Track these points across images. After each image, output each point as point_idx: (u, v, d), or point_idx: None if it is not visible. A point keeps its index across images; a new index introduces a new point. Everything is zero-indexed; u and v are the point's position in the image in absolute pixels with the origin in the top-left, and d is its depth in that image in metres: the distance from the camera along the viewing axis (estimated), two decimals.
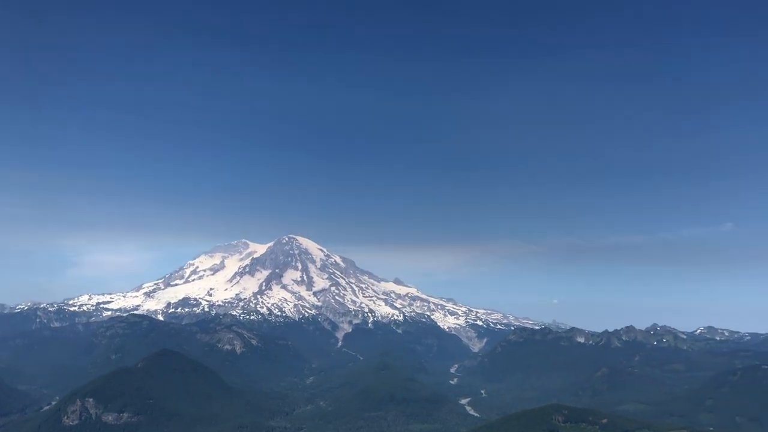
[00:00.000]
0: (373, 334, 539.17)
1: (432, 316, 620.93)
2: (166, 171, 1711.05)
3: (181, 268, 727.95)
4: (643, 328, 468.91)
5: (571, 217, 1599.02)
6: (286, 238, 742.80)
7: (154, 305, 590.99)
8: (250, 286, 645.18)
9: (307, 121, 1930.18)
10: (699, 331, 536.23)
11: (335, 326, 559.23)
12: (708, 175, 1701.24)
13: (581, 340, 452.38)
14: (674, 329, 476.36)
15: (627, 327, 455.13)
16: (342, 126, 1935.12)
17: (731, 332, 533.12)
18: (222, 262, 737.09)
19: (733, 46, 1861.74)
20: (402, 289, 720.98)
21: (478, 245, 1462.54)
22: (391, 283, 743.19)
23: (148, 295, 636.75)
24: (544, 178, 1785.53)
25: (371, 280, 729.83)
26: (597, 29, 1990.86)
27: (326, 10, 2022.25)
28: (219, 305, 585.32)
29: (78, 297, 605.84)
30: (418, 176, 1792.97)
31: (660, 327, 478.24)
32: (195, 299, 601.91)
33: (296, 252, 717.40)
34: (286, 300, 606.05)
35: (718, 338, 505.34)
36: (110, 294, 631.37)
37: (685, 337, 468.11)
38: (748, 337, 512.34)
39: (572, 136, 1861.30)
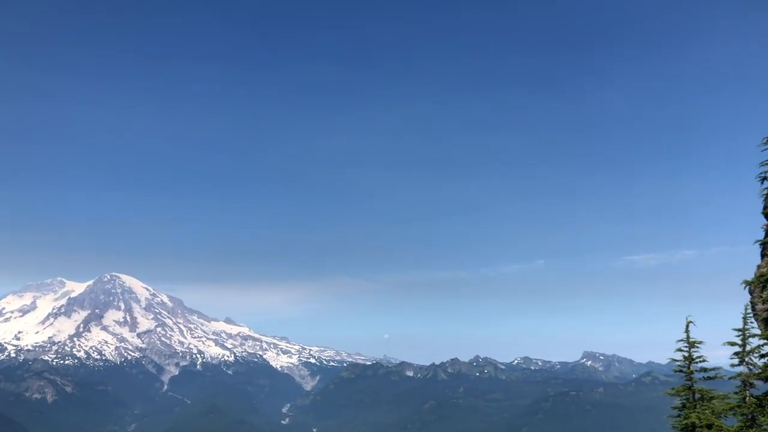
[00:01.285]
0: (201, 376, 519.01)
1: (264, 356, 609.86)
2: None
3: None
4: (467, 360, 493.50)
5: (402, 254, 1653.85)
6: (108, 276, 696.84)
7: None
8: (65, 328, 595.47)
9: (130, 151, 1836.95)
10: (516, 361, 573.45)
11: (161, 369, 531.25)
12: (523, 215, 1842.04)
13: (410, 373, 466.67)
14: (494, 360, 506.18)
15: (452, 359, 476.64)
16: (167, 157, 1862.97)
17: (544, 361, 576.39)
18: (33, 302, 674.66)
19: (541, 100, 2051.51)
20: (233, 329, 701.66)
21: (312, 282, 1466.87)
22: (222, 323, 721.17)
23: None
24: (375, 217, 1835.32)
25: (201, 320, 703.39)
26: (403, 89, 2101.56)
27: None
28: (28, 350, 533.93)
29: None
30: (251, 212, 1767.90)
31: (482, 359, 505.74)
32: None
33: (119, 291, 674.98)
34: (106, 342, 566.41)
35: (533, 367, 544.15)
36: None
37: (504, 367, 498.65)
38: (559, 366, 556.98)
39: (400, 177, 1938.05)
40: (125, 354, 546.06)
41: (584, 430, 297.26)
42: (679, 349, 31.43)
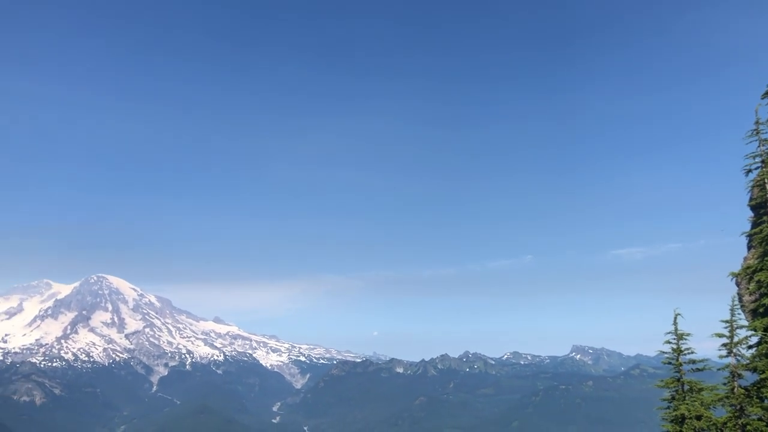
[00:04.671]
0: (191, 376, 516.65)
1: (254, 355, 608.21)
2: None
3: None
4: (457, 356, 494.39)
5: (389, 251, 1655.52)
6: (95, 278, 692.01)
7: None
8: (52, 330, 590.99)
9: (114, 151, 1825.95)
10: (506, 356, 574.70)
11: (150, 370, 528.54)
12: (511, 211, 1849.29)
13: (400, 370, 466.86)
14: (484, 355, 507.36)
15: (442, 355, 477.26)
16: (152, 157, 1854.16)
17: (533, 356, 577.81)
18: (20, 304, 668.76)
19: (525, 96, 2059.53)
20: (222, 328, 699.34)
21: (300, 281, 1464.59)
22: (211, 322, 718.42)
23: None
24: (363, 215, 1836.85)
25: (189, 320, 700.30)
26: (388, 85, 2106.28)
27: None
28: (16, 353, 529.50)
29: None
30: (239, 211, 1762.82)
31: (472, 354, 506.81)
32: None
33: (106, 292, 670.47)
34: (94, 344, 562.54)
35: (522, 362, 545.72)
36: None
37: (493, 362, 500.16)
38: (548, 360, 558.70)
39: (388, 175, 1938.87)
40: (113, 355, 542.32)
41: (574, 423, 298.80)
42: (668, 342, 31.55)
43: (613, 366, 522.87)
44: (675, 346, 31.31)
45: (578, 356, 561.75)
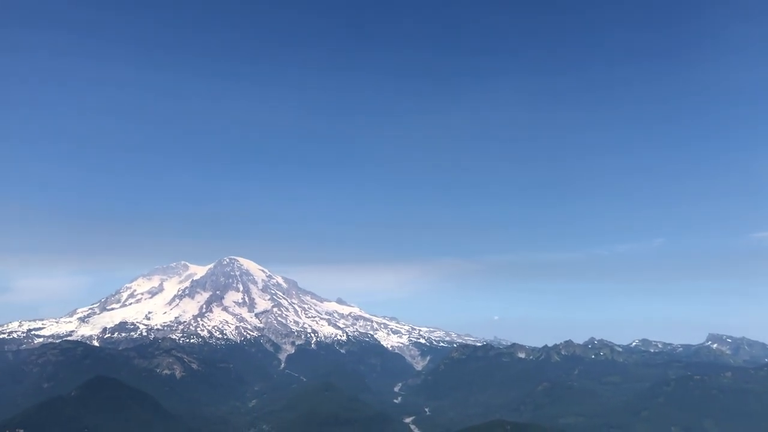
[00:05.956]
0: (316, 355, 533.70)
1: (375, 335, 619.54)
2: (100, 192, 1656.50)
3: (118, 292, 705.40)
4: (581, 342, 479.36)
5: (510, 234, 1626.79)
6: (227, 260, 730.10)
7: (89, 331, 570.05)
8: (189, 308, 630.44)
9: (244, 141, 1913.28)
10: (634, 343, 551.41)
11: (278, 348, 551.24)
12: (640, 191, 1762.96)
13: (522, 355, 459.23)
14: (611, 342, 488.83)
15: (566, 341, 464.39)
16: (277, 146, 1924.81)
17: (665, 344, 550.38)
18: (161, 284, 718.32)
19: (658, 70, 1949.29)
20: (345, 309, 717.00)
21: (419, 264, 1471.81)
22: (334, 303, 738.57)
23: (82, 320, 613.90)
24: (483, 197, 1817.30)
25: (314, 300, 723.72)
26: (525, 55, 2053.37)
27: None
28: (158, 329, 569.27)
29: (8, 324, 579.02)
30: (359, 195, 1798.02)
31: (597, 341, 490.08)
32: (132, 323, 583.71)
33: (237, 273, 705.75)
34: (227, 322, 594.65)
35: (652, 350, 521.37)
36: (42, 320, 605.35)
37: (621, 349, 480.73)
38: (681, 349, 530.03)
39: (507, 156, 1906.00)
40: (244, 333, 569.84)
41: (710, 416, 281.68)
42: None
43: (756, 357, 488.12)
44: None
45: (715, 345, 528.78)
